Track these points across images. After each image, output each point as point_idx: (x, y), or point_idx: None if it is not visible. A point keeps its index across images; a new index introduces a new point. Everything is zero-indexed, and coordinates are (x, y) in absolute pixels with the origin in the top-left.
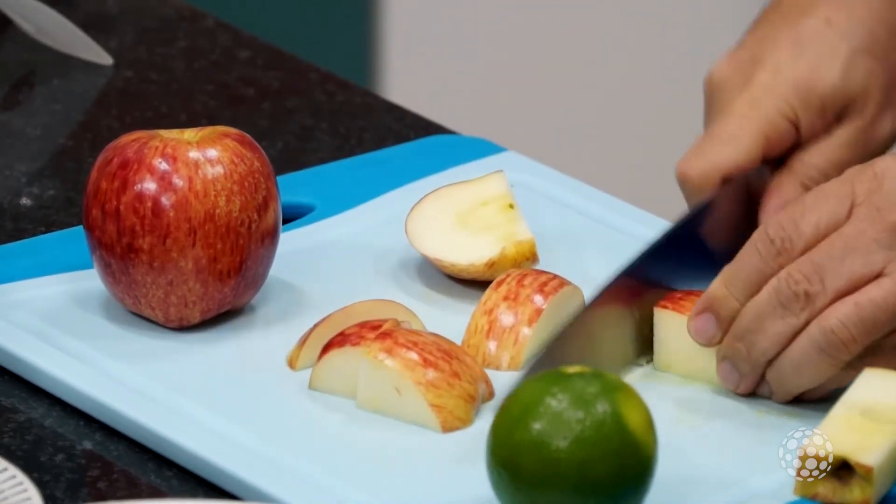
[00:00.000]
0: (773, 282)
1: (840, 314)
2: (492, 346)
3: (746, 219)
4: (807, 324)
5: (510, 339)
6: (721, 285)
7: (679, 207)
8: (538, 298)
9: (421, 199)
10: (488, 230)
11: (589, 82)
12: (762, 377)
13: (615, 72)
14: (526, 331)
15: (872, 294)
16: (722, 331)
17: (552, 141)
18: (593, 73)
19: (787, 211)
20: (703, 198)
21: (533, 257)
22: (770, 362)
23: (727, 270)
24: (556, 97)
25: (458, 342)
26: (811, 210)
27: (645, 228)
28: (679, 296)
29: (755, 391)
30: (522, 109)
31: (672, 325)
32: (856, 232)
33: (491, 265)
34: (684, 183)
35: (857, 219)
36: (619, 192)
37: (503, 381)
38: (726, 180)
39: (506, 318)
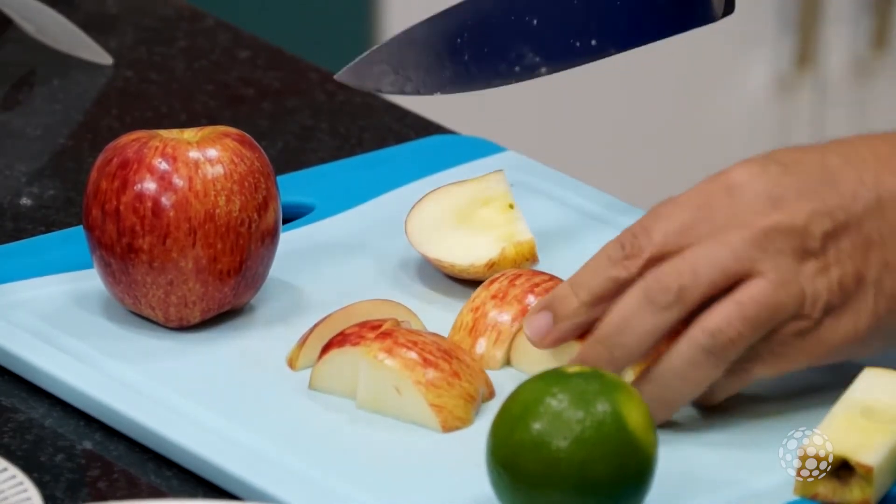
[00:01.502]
0: (639, 283)
1: (723, 314)
2: (480, 344)
3: None
4: (680, 320)
5: (492, 335)
6: (566, 285)
7: None
8: (530, 298)
9: (421, 199)
10: (488, 230)
11: (589, 82)
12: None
13: (615, 72)
14: (510, 328)
15: (752, 292)
16: (557, 331)
17: (552, 141)
18: (593, 73)
19: (640, 220)
20: None
21: (533, 257)
22: (647, 375)
23: (575, 274)
24: (556, 97)
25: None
26: (663, 218)
27: None
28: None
29: None
30: (522, 109)
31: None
32: (725, 234)
33: (491, 266)
34: None
35: (722, 225)
36: (619, 192)
37: (503, 381)
38: None
39: (491, 315)
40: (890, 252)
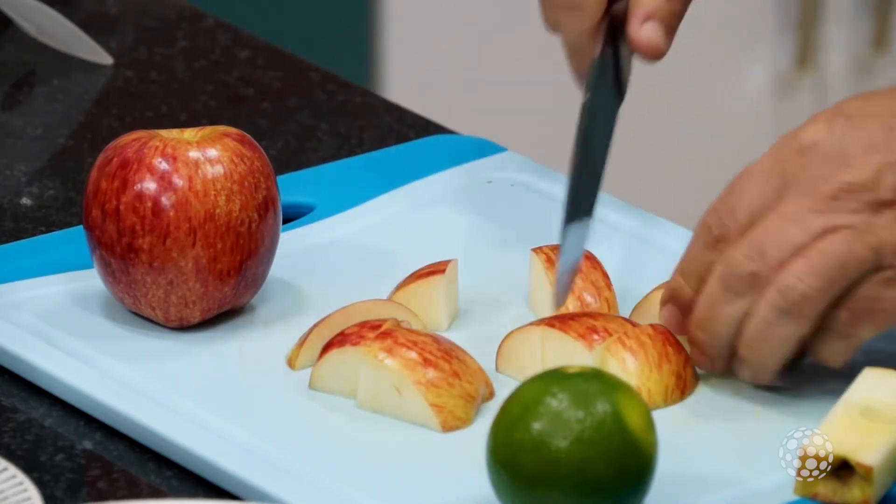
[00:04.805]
0: (716, 269)
1: (792, 270)
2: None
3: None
4: (757, 300)
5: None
6: (677, 276)
7: (679, 206)
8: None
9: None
10: None
11: None
12: (737, 356)
13: None
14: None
15: (820, 246)
16: (685, 317)
17: (552, 141)
18: None
19: (722, 197)
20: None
21: None
22: (738, 338)
23: (680, 262)
24: (555, 97)
25: (457, 342)
26: (744, 194)
27: (645, 227)
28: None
29: (739, 378)
30: (522, 109)
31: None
32: (792, 208)
33: None
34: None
35: (790, 197)
36: (619, 192)
37: (503, 381)
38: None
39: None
40: None
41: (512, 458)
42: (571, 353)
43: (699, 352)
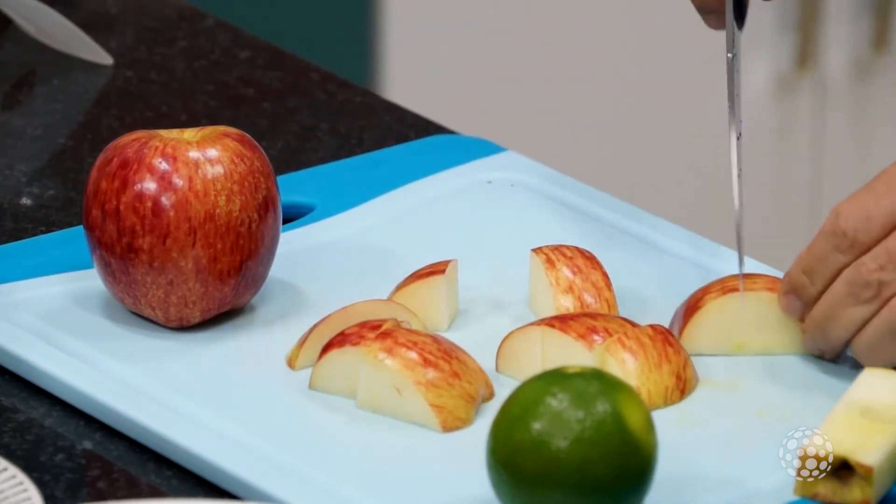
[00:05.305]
0: (846, 273)
1: None
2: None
3: None
4: (879, 309)
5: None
6: (800, 273)
7: (678, 207)
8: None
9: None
10: None
11: (589, 82)
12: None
13: (615, 72)
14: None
15: None
16: (807, 308)
17: (552, 141)
18: (593, 73)
19: (858, 199)
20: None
21: None
22: (851, 341)
23: (805, 259)
24: (556, 97)
25: (457, 342)
26: (882, 199)
27: (645, 228)
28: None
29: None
30: (522, 109)
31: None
32: None
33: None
34: None
35: None
36: (619, 192)
37: (503, 381)
38: None
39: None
40: None
41: (512, 458)
42: (571, 353)
43: (813, 343)
